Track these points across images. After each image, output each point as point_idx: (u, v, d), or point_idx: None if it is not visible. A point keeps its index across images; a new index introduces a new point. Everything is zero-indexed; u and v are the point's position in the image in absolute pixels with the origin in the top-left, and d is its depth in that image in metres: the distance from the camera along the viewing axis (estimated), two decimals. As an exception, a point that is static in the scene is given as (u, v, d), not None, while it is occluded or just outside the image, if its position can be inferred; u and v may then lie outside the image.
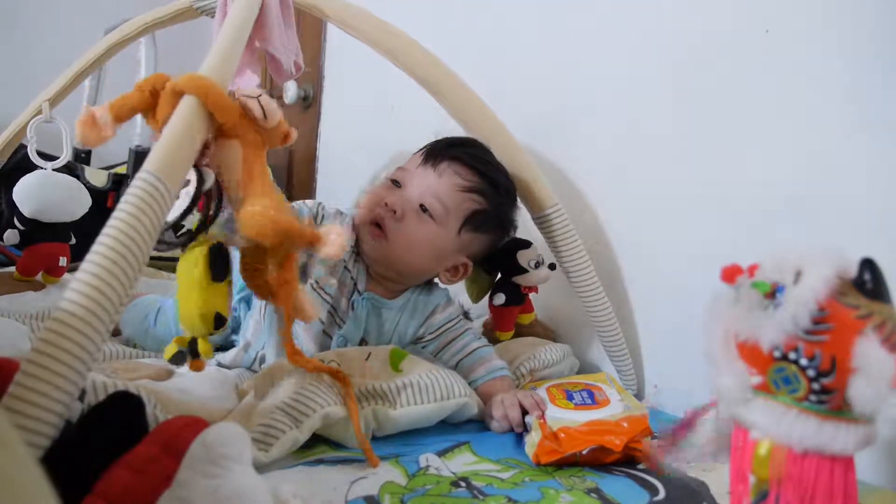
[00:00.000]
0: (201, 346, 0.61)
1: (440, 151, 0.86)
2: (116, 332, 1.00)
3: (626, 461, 0.70)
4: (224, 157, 0.59)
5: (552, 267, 0.95)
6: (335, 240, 0.53)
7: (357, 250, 0.88)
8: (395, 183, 0.87)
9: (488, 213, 0.86)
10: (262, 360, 0.87)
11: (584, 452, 0.68)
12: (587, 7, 1.08)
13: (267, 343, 0.87)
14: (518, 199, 0.91)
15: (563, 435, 0.70)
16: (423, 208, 0.84)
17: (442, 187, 0.84)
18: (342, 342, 0.86)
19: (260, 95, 0.60)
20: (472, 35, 1.33)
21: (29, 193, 1.03)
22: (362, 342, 0.88)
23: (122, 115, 0.57)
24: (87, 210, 1.09)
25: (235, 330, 0.93)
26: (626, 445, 0.69)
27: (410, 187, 0.85)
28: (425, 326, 0.90)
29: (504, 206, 0.88)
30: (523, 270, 0.94)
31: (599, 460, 0.69)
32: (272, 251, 0.59)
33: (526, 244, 0.94)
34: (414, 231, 0.83)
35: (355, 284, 0.87)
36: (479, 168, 0.85)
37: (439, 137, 0.91)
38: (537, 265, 0.94)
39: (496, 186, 0.86)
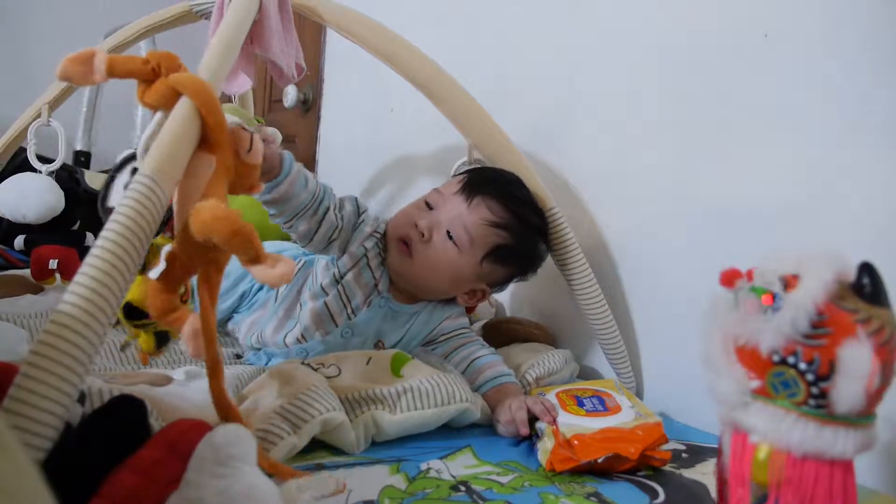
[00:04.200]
0: (142, 339, 0.59)
1: (477, 185, 0.88)
2: None
3: (640, 469, 0.70)
4: (195, 165, 0.57)
5: None
6: (282, 268, 0.49)
7: (383, 254, 0.91)
8: (429, 205, 0.89)
9: (512, 248, 0.88)
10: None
11: (599, 461, 0.67)
12: (587, 13, 1.09)
13: (269, 322, 0.93)
14: (548, 234, 0.93)
15: (576, 442, 0.69)
16: (449, 235, 0.86)
17: (471, 219, 0.86)
18: (348, 333, 0.90)
19: (255, 133, 0.60)
20: (471, 40, 1.33)
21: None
22: (377, 344, 0.92)
23: (116, 72, 0.55)
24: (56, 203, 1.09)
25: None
26: (642, 453, 0.68)
27: (442, 212, 0.88)
28: (438, 330, 0.94)
29: (529, 242, 0.90)
30: None
31: (614, 468, 0.69)
32: (202, 264, 0.55)
33: None
34: (437, 255, 0.86)
35: (376, 285, 0.91)
36: (510, 205, 0.87)
37: (478, 166, 0.94)
38: None
39: (525, 224, 0.88)
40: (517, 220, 0.87)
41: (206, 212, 0.50)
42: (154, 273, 0.55)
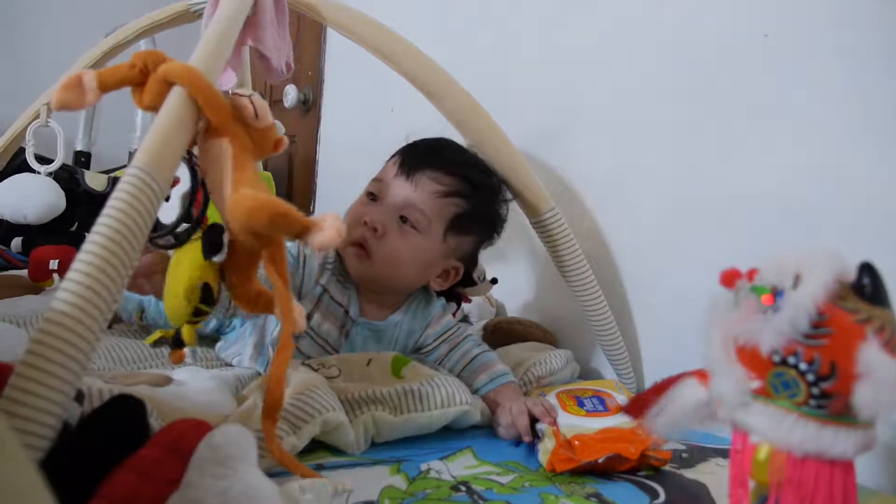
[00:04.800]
0: (185, 332, 0.59)
1: (414, 160, 0.85)
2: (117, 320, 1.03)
3: (640, 469, 0.70)
4: (213, 158, 0.57)
5: (494, 281, 1.00)
6: (332, 224, 0.49)
7: (341, 277, 0.86)
8: (372, 196, 0.86)
9: (470, 213, 0.85)
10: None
11: (600, 461, 0.67)
12: (587, 13, 1.09)
13: (244, 352, 0.88)
14: (503, 191, 0.90)
15: (577, 443, 0.69)
16: (403, 219, 0.82)
17: (420, 196, 0.82)
18: None
19: (252, 95, 0.58)
20: (471, 41, 1.33)
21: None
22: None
23: (108, 85, 0.55)
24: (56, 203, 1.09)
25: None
26: (642, 453, 0.68)
27: (388, 200, 0.84)
28: (423, 337, 0.90)
29: (485, 203, 0.87)
30: (473, 283, 0.98)
31: (614, 468, 0.69)
32: (264, 244, 0.56)
33: None
34: (397, 246, 0.82)
35: (347, 313, 0.86)
36: (454, 170, 0.84)
37: (410, 141, 0.90)
38: (482, 279, 1.00)
39: (475, 186, 0.85)
40: (467, 184, 0.84)
41: (240, 207, 0.50)
42: (220, 257, 0.56)
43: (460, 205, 0.84)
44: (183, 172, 0.61)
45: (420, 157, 0.85)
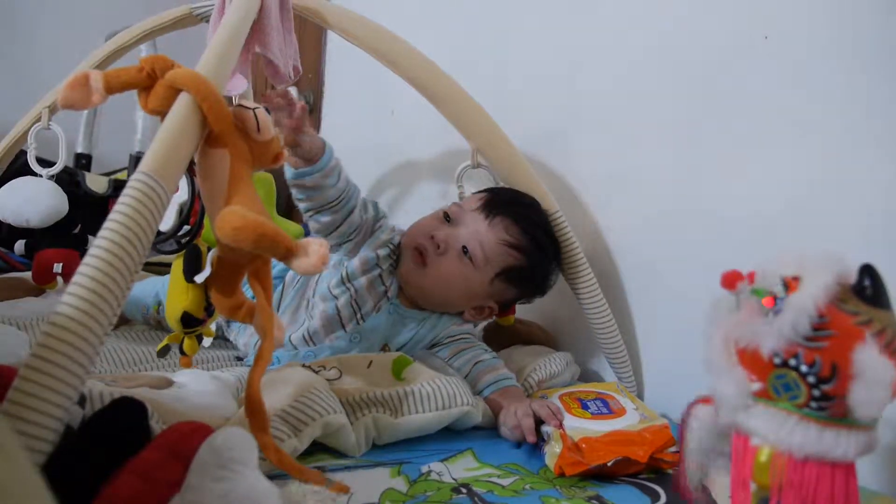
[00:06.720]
0: (186, 344, 0.62)
1: (497, 205, 0.90)
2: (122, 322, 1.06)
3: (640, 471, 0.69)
4: (209, 166, 0.57)
5: None
6: (316, 250, 0.50)
7: (393, 267, 0.92)
8: (447, 217, 0.91)
9: (524, 270, 0.89)
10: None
11: (609, 464, 0.67)
12: (587, 16, 1.09)
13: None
14: (559, 259, 0.93)
15: (584, 446, 0.69)
16: (465, 250, 0.87)
17: (488, 237, 0.88)
18: (356, 338, 0.91)
19: (257, 108, 0.59)
20: (472, 43, 1.33)
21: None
22: (383, 348, 0.92)
23: (113, 87, 0.55)
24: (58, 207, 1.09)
25: None
26: (651, 456, 0.68)
27: (460, 227, 0.89)
28: (443, 333, 0.94)
29: (542, 267, 0.91)
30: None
31: (623, 472, 0.68)
32: (249, 262, 0.56)
33: None
34: (451, 269, 0.88)
35: (386, 292, 0.92)
36: (528, 228, 0.89)
37: (502, 186, 0.96)
38: None
39: (539, 249, 0.90)
40: (533, 244, 0.89)
41: (227, 224, 0.50)
42: (200, 278, 0.56)
43: (519, 259, 0.89)
44: (181, 181, 0.62)
45: (504, 203, 0.90)
